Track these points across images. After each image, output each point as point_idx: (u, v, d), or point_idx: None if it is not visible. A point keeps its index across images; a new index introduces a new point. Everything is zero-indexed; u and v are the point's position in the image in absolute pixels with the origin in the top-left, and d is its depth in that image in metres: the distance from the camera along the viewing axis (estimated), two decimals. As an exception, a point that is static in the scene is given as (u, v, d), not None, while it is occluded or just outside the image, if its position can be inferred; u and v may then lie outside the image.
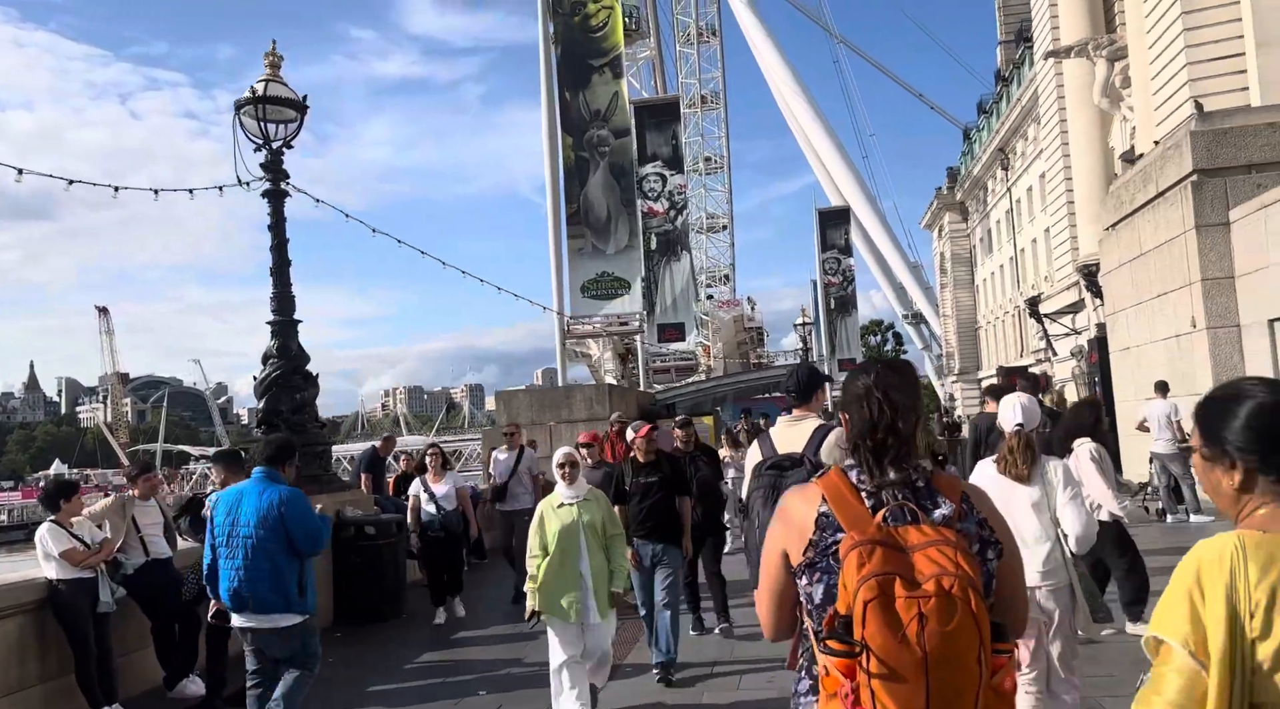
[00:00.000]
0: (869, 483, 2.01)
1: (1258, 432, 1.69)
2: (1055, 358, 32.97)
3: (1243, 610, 1.55)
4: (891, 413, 2.04)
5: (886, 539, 1.84)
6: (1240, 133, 12.79)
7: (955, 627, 1.73)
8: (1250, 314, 12.29)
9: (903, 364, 2.21)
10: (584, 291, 21.37)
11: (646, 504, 6.87)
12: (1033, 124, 39.07)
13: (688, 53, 79.19)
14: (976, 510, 2.00)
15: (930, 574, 1.77)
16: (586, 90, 21.28)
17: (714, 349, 64.51)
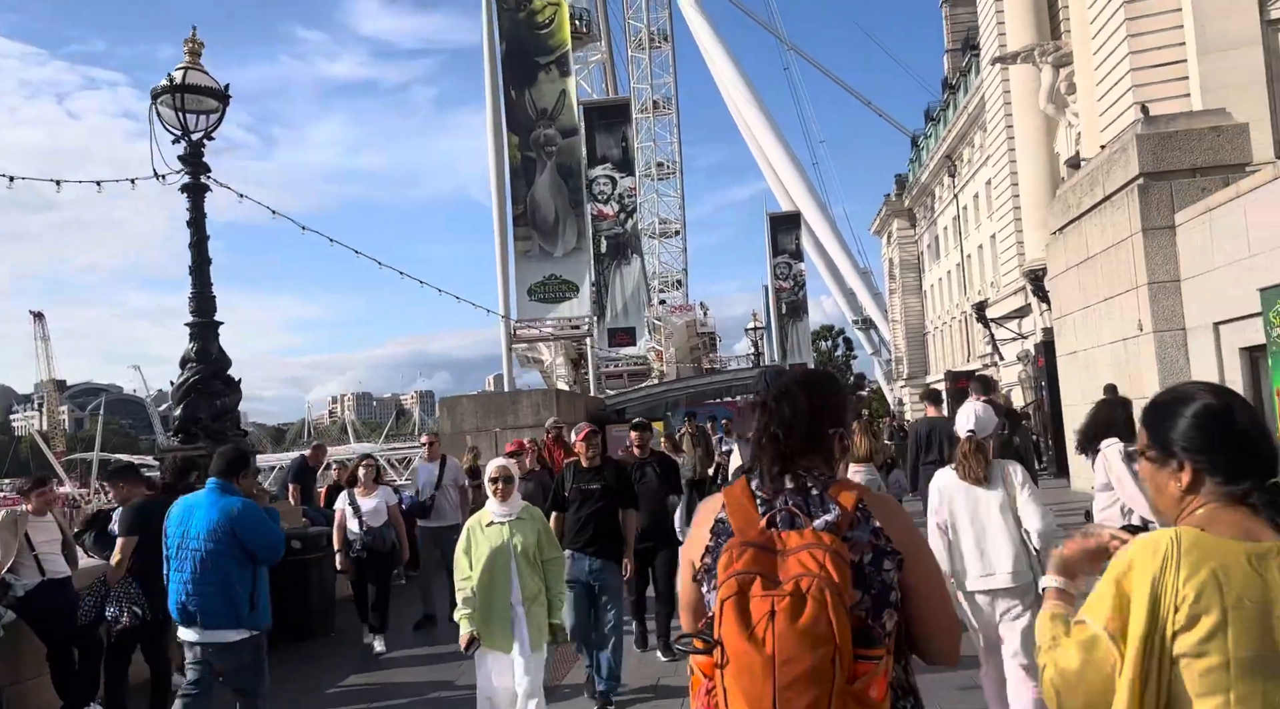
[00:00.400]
0: (765, 490, 2.03)
1: (1205, 432, 1.71)
2: (1002, 362, 33.27)
3: (1166, 602, 1.57)
4: (783, 424, 2.05)
5: (763, 542, 1.86)
6: (1185, 136, 12.81)
7: (805, 626, 1.72)
8: (1196, 317, 12.29)
9: (806, 377, 2.18)
10: (531, 295, 20.82)
11: (585, 513, 6.31)
12: (979, 131, 39.53)
13: (639, 57, 79.16)
14: (874, 520, 1.97)
15: (792, 575, 1.78)
16: (532, 88, 20.80)
17: (667, 354, 64.51)
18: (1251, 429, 1.73)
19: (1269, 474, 1.71)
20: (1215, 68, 17.24)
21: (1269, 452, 1.74)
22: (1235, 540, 1.63)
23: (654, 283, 75.31)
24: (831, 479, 2.04)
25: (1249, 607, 1.57)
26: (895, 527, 1.99)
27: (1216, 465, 1.70)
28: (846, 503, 1.97)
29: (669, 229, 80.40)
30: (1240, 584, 1.58)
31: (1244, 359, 11.34)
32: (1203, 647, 1.56)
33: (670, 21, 76.51)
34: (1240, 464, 1.70)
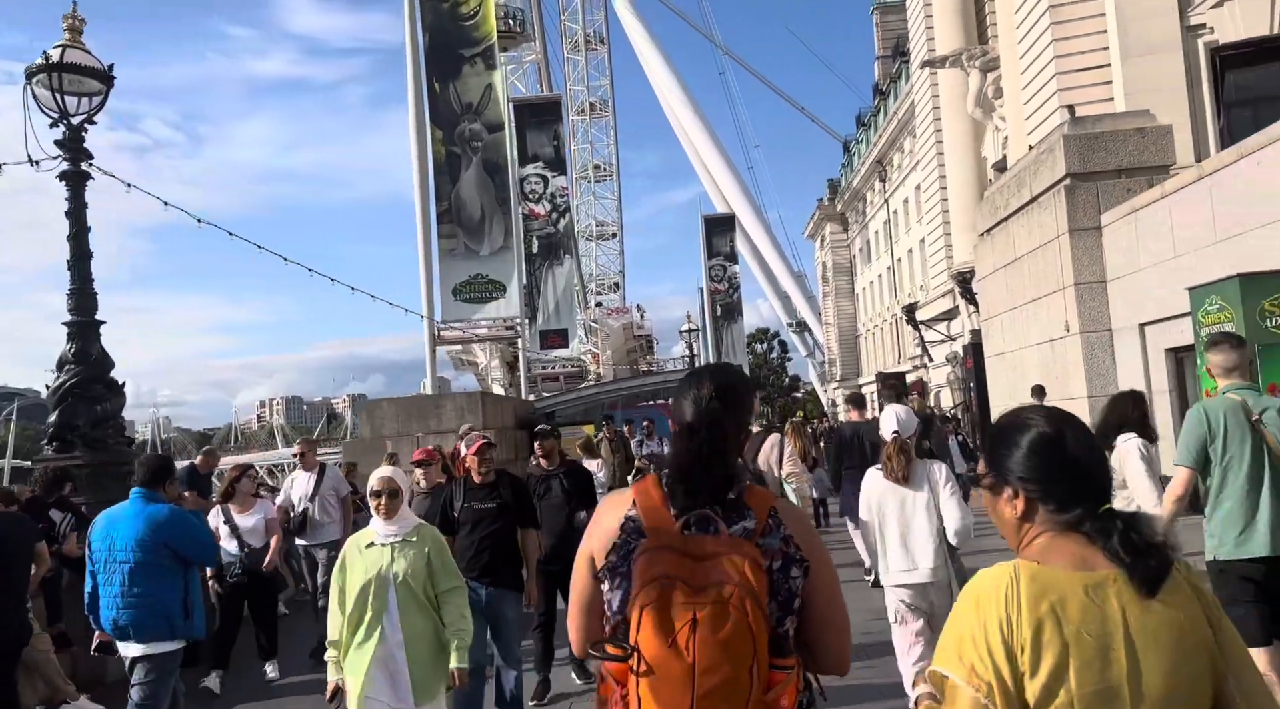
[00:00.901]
0: (686, 482, 1.96)
1: (1037, 460, 1.69)
2: (931, 364, 33.60)
3: (1015, 645, 1.54)
4: (705, 429, 1.98)
5: (681, 546, 1.83)
6: (1110, 138, 12.82)
7: (727, 635, 1.70)
8: (1121, 318, 12.28)
9: (723, 380, 2.09)
10: (456, 295, 20.06)
11: (478, 536, 5.46)
12: (909, 137, 40.03)
13: (575, 59, 78.92)
14: (784, 527, 1.96)
15: (714, 582, 1.76)
16: (457, 81, 20.07)
17: (603, 356, 64.24)
18: (1083, 457, 1.70)
19: (1101, 501, 1.68)
20: (1138, 72, 17.47)
21: (1101, 479, 1.71)
22: (1072, 571, 1.60)
23: (591, 285, 75.08)
24: (743, 484, 2.00)
25: (1089, 641, 1.54)
26: (803, 534, 1.98)
27: (1049, 493, 1.68)
28: (760, 509, 1.95)
29: (606, 231, 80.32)
30: (1079, 618, 1.55)
31: (1169, 360, 11.34)
32: (1050, 688, 1.53)
33: (606, 24, 76.52)
34: (1072, 492, 1.67)
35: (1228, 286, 7.16)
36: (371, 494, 4.34)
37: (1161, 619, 1.57)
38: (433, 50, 19.75)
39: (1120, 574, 1.59)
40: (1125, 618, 1.56)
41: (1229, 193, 9.60)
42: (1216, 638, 1.61)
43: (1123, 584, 1.58)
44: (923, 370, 35.91)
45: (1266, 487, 4.19)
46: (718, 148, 65.11)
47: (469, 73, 19.95)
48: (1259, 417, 4.28)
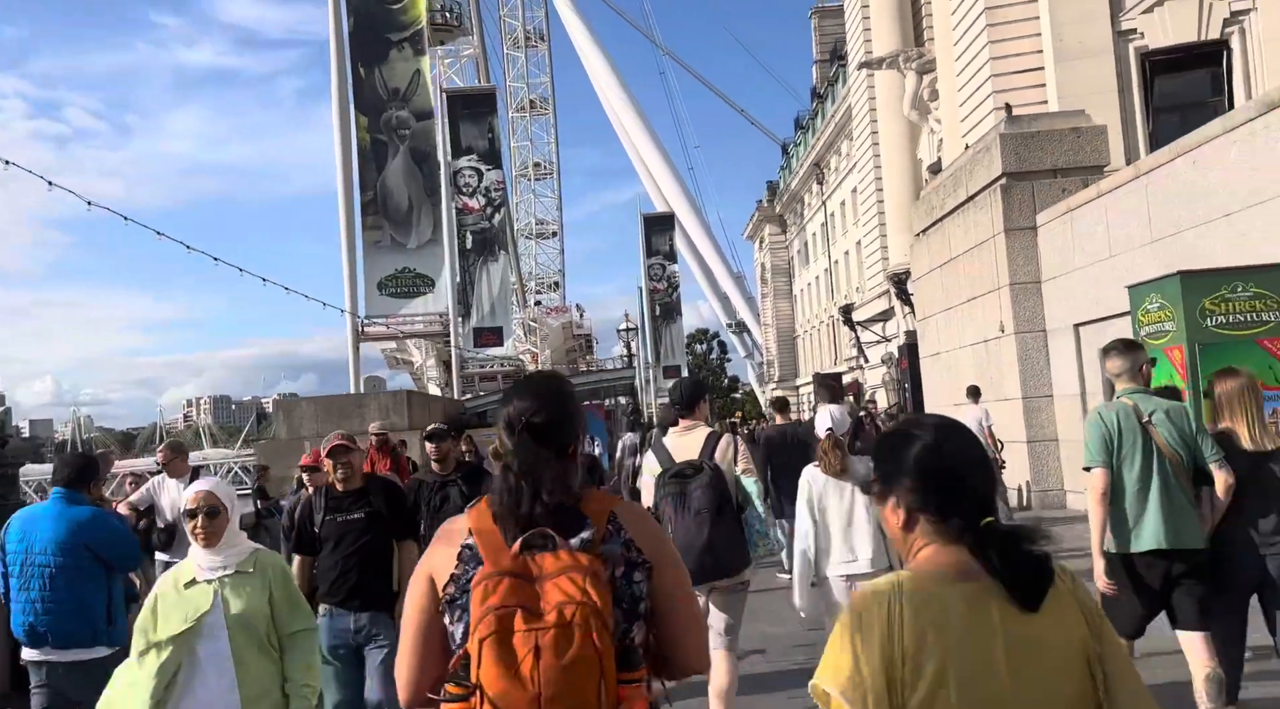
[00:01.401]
0: (516, 511, 1.91)
1: (918, 469, 1.70)
2: (867, 364, 33.77)
3: (896, 656, 1.54)
4: (534, 439, 1.93)
5: (519, 570, 1.78)
6: (1046, 137, 12.78)
7: (572, 659, 1.66)
8: (1056, 318, 12.23)
9: (542, 392, 2.02)
10: (381, 289, 19.24)
11: (342, 554, 4.60)
12: (846, 140, 40.30)
13: (515, 56, 78.11)
14: (625, 531, 1.92)
15: (554, 604, 1.70)
16: (384, 67, 19.25)
17: (542, 356, 63.68)
18: (963, 467, 1.70)
19: (983, 513, 1.66)
20: (1070, 75, 17.61)
21: (983, 490, 1.70)
22: (955, 583, 1.60)
23: (531, 284, 74.38)
24: (580, 492, 1.95)
25: (969, 653, 1.54)
26: (644, 535, 1.94)
27: (928, 503, 1.68)
28: (598, 516, 1.90)
29: (546, 230, 79.84)
30: (960, 629, 1.55)
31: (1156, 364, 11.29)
32: (929, 700, 1.53)
33: (547, 21, 75.97)
34: (951, 503, 1.67)
35: (1168, 285, 7.01)
36: (185, 514, 3.37)
37: (1042, 630, 1.57)
38: (358, 34, 18.93)
39: (999, 585, 1.59)
40: (1006, 630, 1.55)
41: (1165, 192, 9.53)
42: (1098, 648, 1.61)
43: (1005, 596, 1.58)
44: (858, 371, 36.09)
45: (1155, 484, 4.42)
46: (658, 147, 65.03)
47: (396, 58, 19.18)
48: (1149, 418, 4.51)
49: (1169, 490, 4.42)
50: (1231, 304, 6.74)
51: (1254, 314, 6.77)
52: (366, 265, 19.37)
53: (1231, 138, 8.44)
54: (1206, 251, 8.65)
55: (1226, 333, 6.75)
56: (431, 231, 19.44)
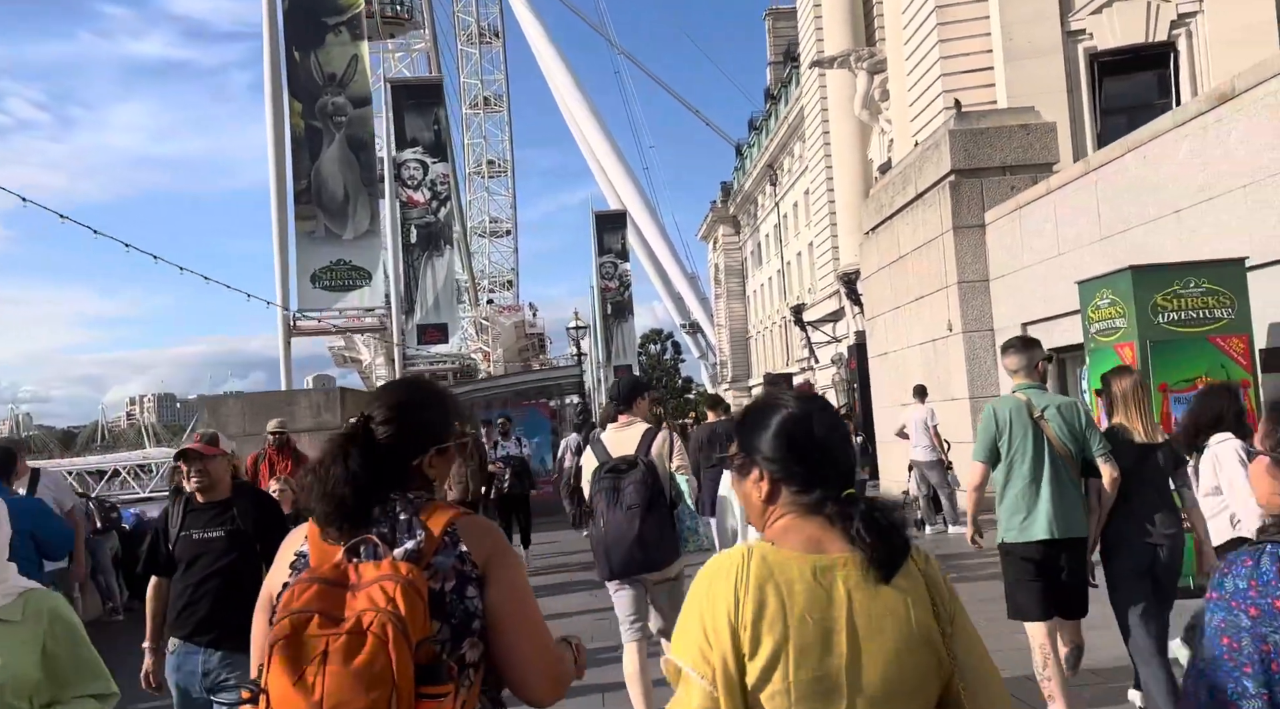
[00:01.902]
0: (351, 518, 1.85)
1: (784, 441, 1.68)
2: (818, 365, 33.70)
3: (739, 627, 1.52)
4: (352, 453, 1.87)
5: (335, 577, 1.74)
6: (995, 133, 12.60)
7: (360, 665, 1.60)
8: (1004, 317, 12.03)
9: (394, 399, 1.97)
10: (315, 282, 18.42)
11: (195, 578, 3.81)
12: (799, 142, 40.32)
13: (470, 52, 77.54)
14: (461, 544, 1.85)
15: (357, 611, 1.66)
16: (319, 50, 18.50)
17: (494, 355, 63.07)
18: (828, 438, 1.69)
19: (845, 485, 1.66)
20: (1020, 74, 17.55)
21: (845, 462, 1.71)
22: (804, 553, 1.58)
23: (484, 283, 73.80)
24: (426, 501, 1.91)
25: (810, 625, 1.52)
26: (482, 549, 1.88)
27: (791, 474, 1.67)
28: (434, 527, 1.85)
29: (500, 228, 79.46)
30: (804, 601, 1.53)
31: (1053, 362, 11.10)
32: (767, 672, 1.50)
33: (501, 18, 75.62)
34: (814, 474, 1.66)
35: (1119, 280, 6.76)
36: None
37: (888, 606, 1.55)
38: (293, 15, 18.17)
39: (852, 558, 1.57)
40: (851, 603, 1.54)
41: (1114, 188, 9.35)
42: (948, 630, 1.59)
43: (853, 568, 1.56)
44: (810, 372, 36.03)
45: (1046, 477, 4.61)
46: (613, 147, 64.89)
47: (333, 42, 18.46)
48: (1041, 413, 4.71)
49: (1059, 482, 4.63)
50: (1184, 300, 6.51)
51: (1206, 310, 6.54)
52: (299, 257, 18.58)
53: (1182, 132, 8.25)
54: (1156, 249, 8.47)
55: (1178, 330, 6.51)
56: (369, 223, 18.71)
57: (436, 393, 2.07)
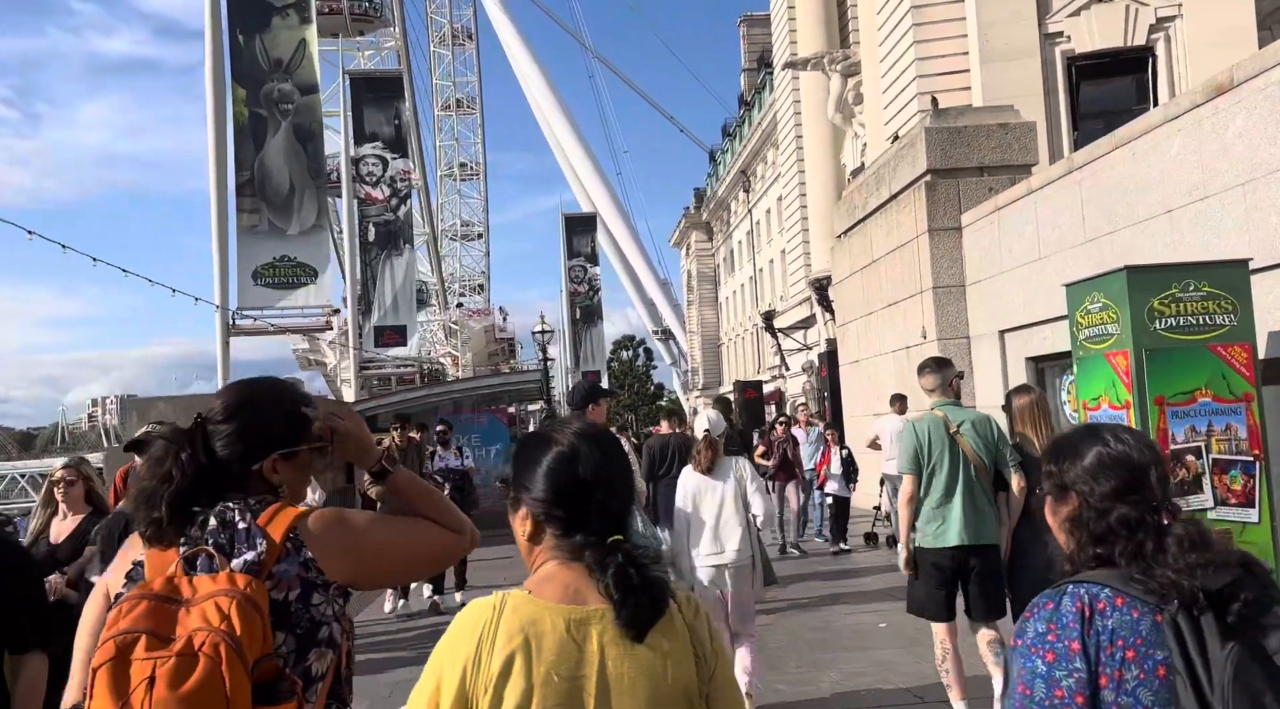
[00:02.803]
0: (187, 527, 1.78)
1: (549, 480, 1.59)
2: (788, 373, 33.16)
3: (479, 684, 1.44)
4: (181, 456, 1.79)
5: (168, 592, 1.65)
6: (973, 132, 12.05)
7: (190, 689, 1.51)
8: (981, 324, 11.46)
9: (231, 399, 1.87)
10: (256, 279, 17.40)
11: None
12: (772, 148, 39.97)
13: (442, 54, 76.91)
14: (306, 550, 1.75)
15: (189, 630, 1.57)
16: (265, 34, 17.51)
17: (463, 359, 62.22)
18: (594, 478, 1.57)
19: (611, 530, 1.54)
20: (996, 76, 17.12)
21: (615, 506, 1.58)
22: (559, 604, 1.50)
23: (455, 286, 73.07)
24: (265, 505, 1.80)
25: (557, 682, 1.44)
26: (330, 554, 1.77)
27: (552, 516, 1.58)
28: (275, 534, 1.74)
29: (471, 231, 78.85)
30: (553, 657, 1.45)
31: (1030, 370, 10.52)
32: None
33: (475, 20, 75.03)
34: (576, 517, 1.56)
35: (1112, 282, 6.15)
36: None
37: (643, 665, 1.48)
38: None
39: (609, 611, 1.49)
40: (604, 660, 1.47)
41: (1101, 187, 8.78)
42: (707, 687, 1.54)
43: (609, 622, 1.49)
44: (781, 380, 35.50)
45: (960, 488, 5.01)
46: (586, 151, 64.39)
47: (280, 25, 17.51)
48: (957, 428, 5.12)
49: (972, 493, 5.04)
50: (1183, 305, 5.90)
51: (1206, 316, 5.94)
52: (240, 253, 17.57)
53: (1175, 126, 7.69)
54: (1145, 252, 7.90)
55: (1176, 337, 5.90)
56: (315, 217, 17.78)
57: (282, 394, 1.94)
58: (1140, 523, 1.60)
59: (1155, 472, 1.66)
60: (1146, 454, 1.67)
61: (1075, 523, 1.67)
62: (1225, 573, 1.54)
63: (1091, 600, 1.57)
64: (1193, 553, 1.55)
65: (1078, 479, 1.68)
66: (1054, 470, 1.73)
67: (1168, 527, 1.61)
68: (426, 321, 64.52)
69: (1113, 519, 1.61)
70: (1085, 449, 1.69)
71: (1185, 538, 1.57)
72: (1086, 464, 1.67)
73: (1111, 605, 1.56)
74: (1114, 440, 1.69)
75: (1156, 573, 1.55)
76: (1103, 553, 1.62)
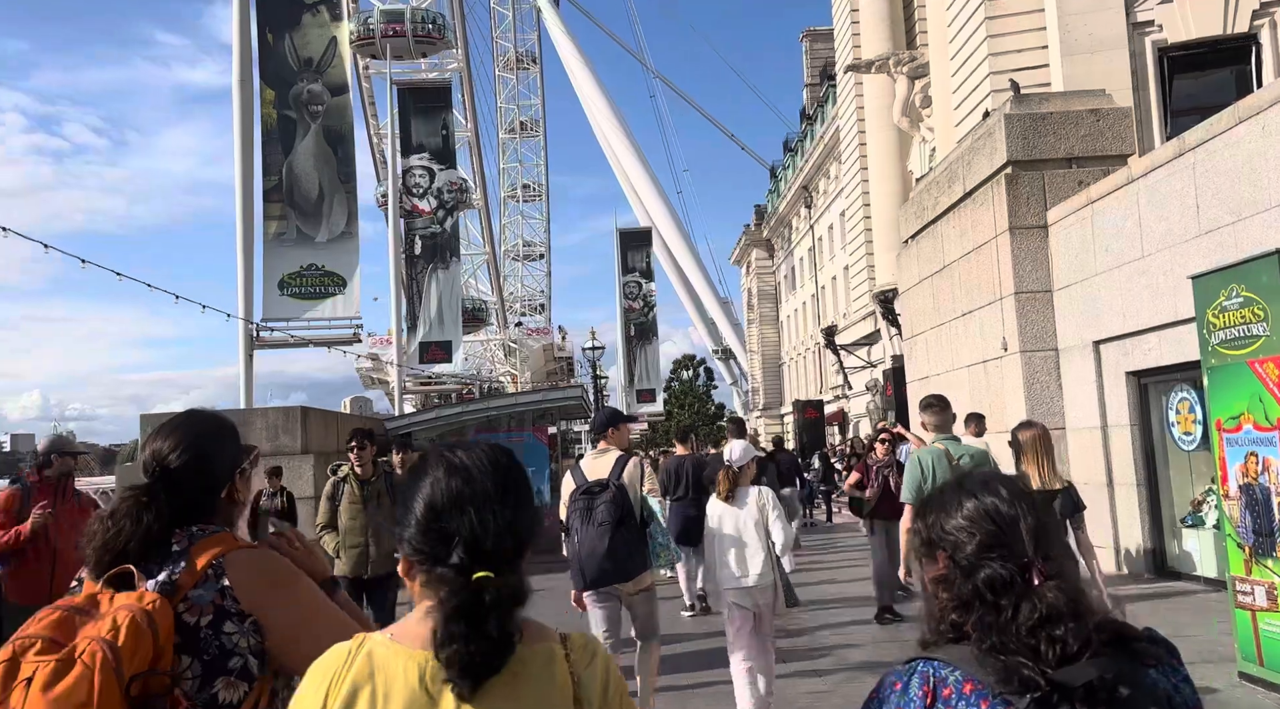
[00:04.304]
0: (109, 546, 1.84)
1: (414, 512, 1.42)
2: (850, 393, 31.67)
3: None
4: (162, 481, 1.89)
5: (84, 605, 1.75)
6: (1060, 119, 10.77)
7: (58, 694, 1.58)
8: (1071, 334, 10.12)
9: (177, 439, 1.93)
10: (282, 289, 16.74)
11: None
12: (835, 163, 38.82)
13: (507, 78, 78.32)
14: (224, 578, 1.81)
15: (81, 639, 1.66)
16: (295, 32, 16.97)
17: (522, 378, 62.28)
18: (453, 508, 1.38)
19: (484, 566, 1.35)
20: (1080, 70, 15.67)
21: (483, 540, 1.35)
22: (418, 650, 1.35)
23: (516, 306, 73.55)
24: (209, 534, 1.87)
25: None
26: (250, 586, 1.82)
27: (417, 550, 1.40)
28: (199, 559, 1.82)
29: (533, 252, 79.81)
30: (399, 708, 1.33)
31: (1131, 387, 9.16)
32: None
33: (539, 43, 76.19)
34: (437, 551, 1.37)
35: (1259, 271, 4.91)
36: None
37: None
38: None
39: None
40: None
41: (1221, 170, 7.47)
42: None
43: None
44: (843, 400, 34.02)
45: None
46: (646, 171, 64.32)
47: (309, 23, 16.95)
48: (958, 460, 5.65)
49: None
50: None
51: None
52: (266, 262, 16.93)
53: (1319, 90, 6.39)
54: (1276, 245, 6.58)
55: (1349, 338, 4.63)
56: (345, 224, 17.08)
57: (217, 421, 2.03)
58: (1008, 585, 1.41)
59: (1026, 523, 1.48)
60: (1017, 505, 1.50)
61: (941, 584, 1.50)
62: (1088, 661, 1.34)
63: (938, 684, 1.40)
64: (1048, 626, 1.36)
65: (945, 536, 1.51)
66: (920, 526, 1.58)
67: (1035, 589, 1.40)
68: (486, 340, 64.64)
69: (980, 579, 1.43)
70: (952, 502, 1.54)
71: (1045, 606, 1.37)
72: (953, 518, 1.51)
73: (958, 693, 1.38)
74: (982, 491, 1.53)
75: (1009, 654, 1.36)
76: (959, 621, 1.44)
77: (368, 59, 53.22)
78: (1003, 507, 1.49)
